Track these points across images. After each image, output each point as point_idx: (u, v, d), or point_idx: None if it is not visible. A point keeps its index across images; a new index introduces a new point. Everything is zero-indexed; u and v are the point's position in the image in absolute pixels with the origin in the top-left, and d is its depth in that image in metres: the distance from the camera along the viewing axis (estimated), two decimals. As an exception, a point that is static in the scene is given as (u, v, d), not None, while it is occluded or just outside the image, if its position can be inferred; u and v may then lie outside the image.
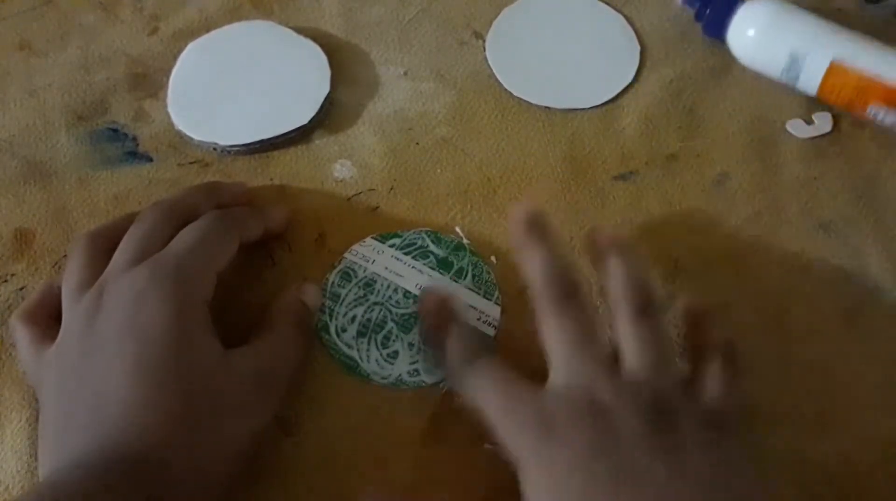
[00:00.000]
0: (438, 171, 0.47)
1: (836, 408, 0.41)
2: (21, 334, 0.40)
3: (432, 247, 0.44)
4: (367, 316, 0.42)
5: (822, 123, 0.48)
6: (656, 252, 0.45)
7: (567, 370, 0.37)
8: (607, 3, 0.53)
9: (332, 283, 0.43)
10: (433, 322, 0.41)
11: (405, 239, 0.44)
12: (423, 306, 0.42)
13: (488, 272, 0.44)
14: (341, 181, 0.47)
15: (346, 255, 0.44)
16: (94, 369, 0.36)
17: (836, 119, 0.48)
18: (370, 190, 0.47)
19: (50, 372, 0.38)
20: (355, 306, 0.43)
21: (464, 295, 0.43)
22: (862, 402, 0.41)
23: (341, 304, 0.43)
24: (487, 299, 0.43)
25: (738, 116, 0.49)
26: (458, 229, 0.45)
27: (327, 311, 0.43)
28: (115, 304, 0.37)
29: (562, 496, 0.34)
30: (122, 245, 0.40)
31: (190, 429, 0.35)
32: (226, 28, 0.51)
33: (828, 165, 0.47)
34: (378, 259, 0.44)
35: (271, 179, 0.47)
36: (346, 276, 0.43)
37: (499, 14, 0.52)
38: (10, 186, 0.47)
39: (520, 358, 0.38)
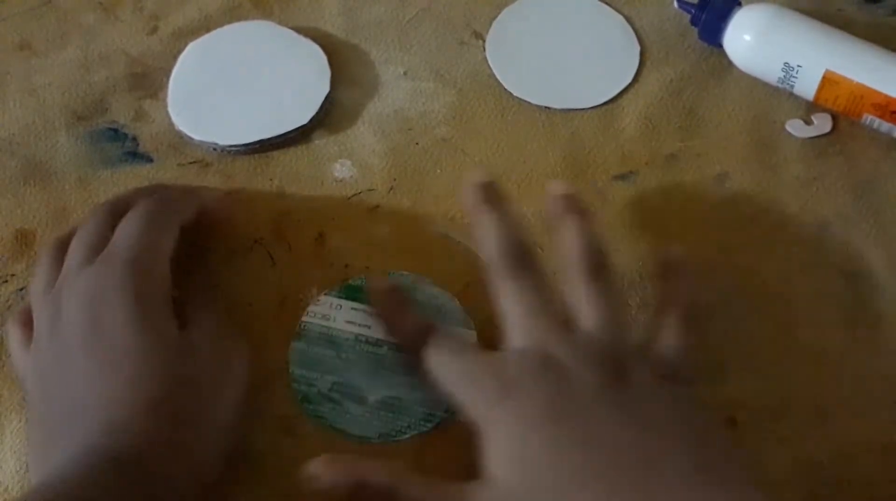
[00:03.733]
0: (438, 171, 0.47)
1: (836, 408, 0.41)
2: (11, 337, 0.41)
3: None
4: (345, 376, 0.41)
5: (822, 123, 0.48)
6: (656, 252, 0.45)
7: (522, 332, 0.37)
8: (607, 3, 0.53)
9: (298, 351, 0.41)
10: (384, 308, 0.41)
11: (358, 286, 0.43)
12: (371, 294, 0.42)
13: (451, 300, 0.43)
14: (341, 181, 0.47)
15: (305, 319, 0.42)
16: (65, 372, 0.36)
17: (836, 119, 0.48)
18: (370, 190, 0.47)
19: (27, 376, 0.39)
20: (330, 369, 0.41)
21: None
22: (862, 402, 0.41)
23: (314, 370, 0.41)
24: (459, 326, 0.42)
25: (738, 116, 0.49)
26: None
27: (302, 380, 0.41)
28: (74, 305, 0.37)
29: (521, 451, 0.34)
30: (70, 249, 0.40)
31: (170, 416, 0.35)
32: (226, 28, 0.51)
33: (828, 165, 0.47)
34: (338, 315, 0.42)
35: (271, 180, 0.47)
36: (311, 340, 0.42)
37: (499, 14, 0.52)
38: (10, 186, 0.47)
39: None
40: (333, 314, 0.42)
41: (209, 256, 0.44)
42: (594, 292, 0.38)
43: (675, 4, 0.51)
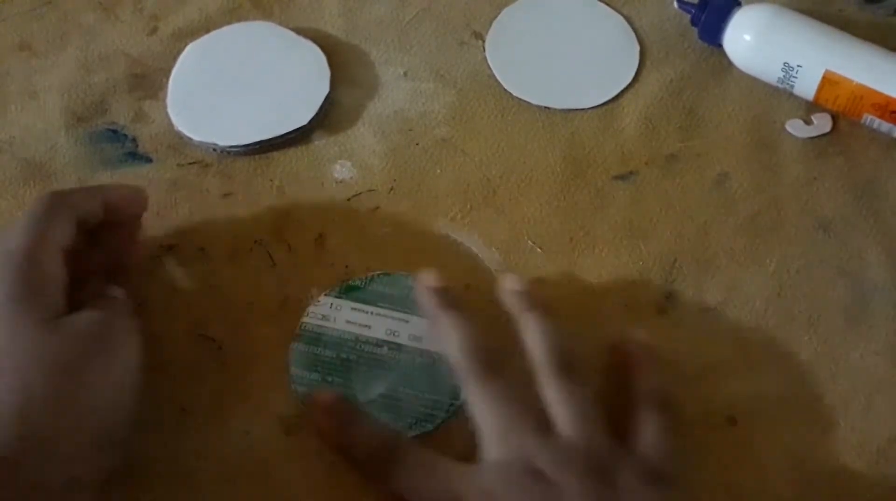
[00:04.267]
0: (438, 171, 0.47)
1: (836, 408, 0.41)
2: None
3: (388, 289, 0.43)
4: (345, 376, 0.41)
5: (822, 123, 0.48)
6: (656, 252, 0.45)
7: (501, 442, 0.36)
8: (607, 3, 0.53)
9: (298, 351, 0.41)
10: (331, 426, 0.39)
11: (358, 287, 0.43)
12: (314, 412, 0.39)
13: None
14: (341, 182, 0.47)
15: (305, 319, 0.42)
16: None
17: (836, 119, 0.48)
18: (370, 190, 0.47)
19: None
20: (330, 370, 0.41)
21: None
22: (861, 402, 0.41)
23: (314, 370, 0.41)
24: None
25: (738, 116, 0.49)
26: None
27: (302, 380, 0.41)
28: None
29: None
30: None
31: (47, 404, 0.34)
32: (226, 28, 0.51)
33: (827, 165, 0.47)
34: (338, 316, 0.42)
35: (271, 180, 0.47)
36: (311, 341, 0.42)
37: (499, 14, 0.52)
38: (10, 187, 0.47)
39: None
40: (333, 315, 0.42)
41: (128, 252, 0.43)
42: (565, 392, 0.37)
43: (675, 4, 0.51)
